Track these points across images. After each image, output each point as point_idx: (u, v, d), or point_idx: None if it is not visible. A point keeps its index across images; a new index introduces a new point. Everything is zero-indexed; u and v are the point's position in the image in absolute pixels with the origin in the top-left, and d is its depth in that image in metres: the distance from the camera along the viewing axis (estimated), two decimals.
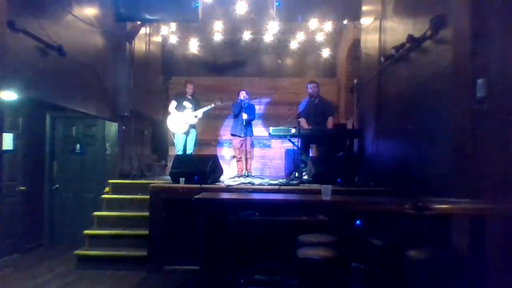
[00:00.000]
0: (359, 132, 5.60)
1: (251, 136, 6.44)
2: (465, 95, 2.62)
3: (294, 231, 3.22)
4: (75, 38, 4.79)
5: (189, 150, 6.51)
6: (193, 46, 7.84)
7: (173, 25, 7.77)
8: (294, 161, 5.91)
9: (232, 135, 6.50)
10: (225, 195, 3.88)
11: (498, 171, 2.30)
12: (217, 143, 8.42)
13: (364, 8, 5.71)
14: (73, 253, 4.74)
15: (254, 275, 3.62)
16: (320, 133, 5.63)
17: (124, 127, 6.25)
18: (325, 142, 5.81)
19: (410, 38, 3.46)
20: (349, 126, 6.12)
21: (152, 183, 4.71)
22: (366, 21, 5.59)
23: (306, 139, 5.69)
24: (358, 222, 3.31)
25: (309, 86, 6.09)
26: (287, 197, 3.79)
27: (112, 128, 6.19)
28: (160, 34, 7.92)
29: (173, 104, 6.44)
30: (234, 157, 6.94)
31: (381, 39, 4.69)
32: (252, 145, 6.84)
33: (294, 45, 7.90)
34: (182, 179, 4.48)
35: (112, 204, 5.31)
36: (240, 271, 3.62)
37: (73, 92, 4.82)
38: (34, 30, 3.84)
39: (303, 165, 5.37)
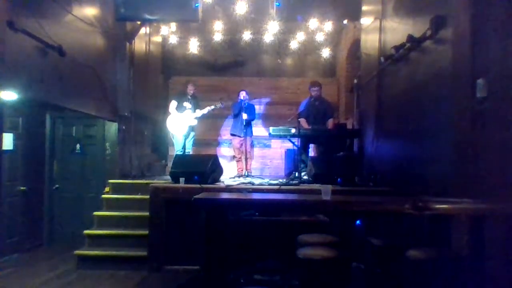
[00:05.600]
0: (359, 132, 5.60)
1: (251, 136, 6.43)
2: (465, 95, 2.62)
3: (294, 231, 3.22)
4: (75, 38, 4.80)
5: (187, 150, 6.50)
6: (193, 46, 7.84)
7: (173, 25, 7.77)
8: (294, 161, 5.91)
9: (232, 135, 6.50)
10: (225, 195, 3.88)
11: (498, 171, 2.30)
12: (217, 143, 8.42)
13: (364, 8, 5.71)
14: (73, 253, 4.74)
15: (254, 275, 3.62)
16: (320, 133, 5.63)
17: (124, 127, 6.25)
18: (325, 142, 5.80)
19: (410, 38, 3.47)
20: (349, 126, 6.12)
21: (152, 183, 4.71)
22: (366, 21, 5.59)
23: (306, 139, 5.69)
24: (358, 222, 3.32)
25: (312, 89, 6.07)
26: (287, 197, 3.79)
27: (112, 128, 6.19)
28: (160, 34, 7.93)
29: (173, 104, 6.41)
30: (234, 157, 6.94)
31: (381, 39, 4.69)
32: (252, 145, 6.84)
33: (294, 45, 7.90)
34: (182, 179, 4.48)
35: (112, 204, 5.31)
36: (240, 271, 3.62)
37: (73, 92, 4.82)
38: (34, 30, 3.84)
39: (303, 165, 5.37)
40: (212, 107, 6.50)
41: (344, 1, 6.41)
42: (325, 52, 7.91)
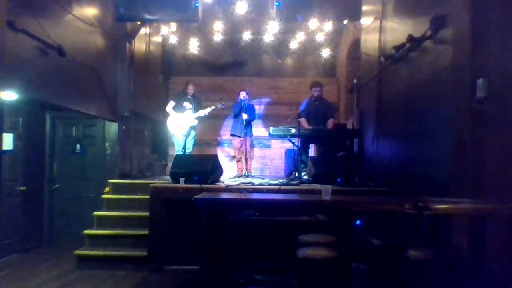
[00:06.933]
0: (359, 132, 5.60)
1: (250, 136, 6.43)
2: (465, 95, 2.62)
3: (294, 231, 3.22)
4: (75, 38, 4.79)
5: (188, 150, 6.50)
6: (193, 46, 7.84)
7: (173, 25, 7.77)
8: (294, 161, 5.91)
9: (232, 135, 6.50)
10: (225, 195, 3.88)
11: (498, 171, 2.30)
12: (217, 143, 8.42)
13: (364, 8, 5.71)
14: (73, 253, 4.74)
15: (254, 275, 3.61)
16: (320, 133, 5.63)
17: (124, 127, 6.25)
18: (325, 142, 5.80)
19: (410, 38, 3.47)
20: (349, 126, 6.12)
21: (152, 183, 4.71)
22: (366, 21, 5.59)
23: (306, 139, 5.69)
24: (358, 222, 3.32)
25: (313, 89, 6.07)
26: (287, 197, 3.79)
27: (112, 128, 6.18)
28: (160, 34, 7.92)
29: (171, 104, 6.39)
30: (234, 157, 6.94)
31: (381, 39, 4.69)
32: (252, 145, 6.83)
33: (294, 45, 7.91)
34: (182, 179, 4.48)
35: (112, 204, 5.31)
36: (240, 271, 3.62)
37: (73, 92, 4.82)
38: (34, 30, 3.84)
39: (303, 165, 5.37)
40: (213, 107, 6.50)
41: (344, 1, 6.42)
42: (325, 52, 7.91)
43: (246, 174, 6.10)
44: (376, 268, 3.01)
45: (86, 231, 4.95)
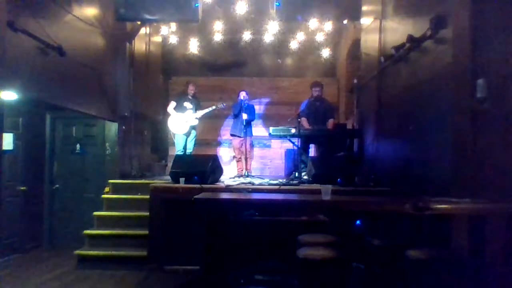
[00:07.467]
0: (359, 132, 5.60)
1: (250, 136, 6.43)
2: (465, 95, 2.62)
3: (294, 231, 3.21)
4: (75, 38, 4.79)
5: (189, 151, 6.52)
6: (193, 46, 7.84)
7: (173, 25, 7.77)
8: (294, 161, 5.91)
9: (232, 135, 6.50)
10: (225, 195, 3.87)
11: (498, 171, 2.30)
12: (217, 143, 8.42)
13: (364, 8, 5.71)
14: (73, 253, 4.74)
15: (254, 275, 3.61)
16: (320, 133, 5.63)
17: (124, 127, 6.25)
18: (325, 142, 5.80)
19: (410, 38, 3.47)
20: (349, 126, 6.12)
21: (152, 183, 4.71)
22: (366, 21, 5.59)
23: (306, 139, 5.69)
24: (358, 222, 3.31)
25: (313, 89, 6.07)
26: (287, 197, 3.79)
27: (112, 128, 6.19)
28: (160, 34, 7.92)
29: (172, 104, 6.45)
30: (234, 157, 6.94)
31: (381, 39, 4.69)
32: (251, 145, 6.83)
33: (294, 45, 7.90)
34: (182, 179, 4.47)
35: (112, 204, 5.31)
36: (240, 271, 3.62)
37: (73, 92, 4.82)
38: (34, 30, 3.84)
39: (303, 165, 5.37)
40: (214, 107, 6.51)
41: (344, 1, 6.41)
42: (325, 52, 7.91)
43: (246, 174, 6.10)
44: (376, 268, 3.01)
45: (86, 231, 4.95)
